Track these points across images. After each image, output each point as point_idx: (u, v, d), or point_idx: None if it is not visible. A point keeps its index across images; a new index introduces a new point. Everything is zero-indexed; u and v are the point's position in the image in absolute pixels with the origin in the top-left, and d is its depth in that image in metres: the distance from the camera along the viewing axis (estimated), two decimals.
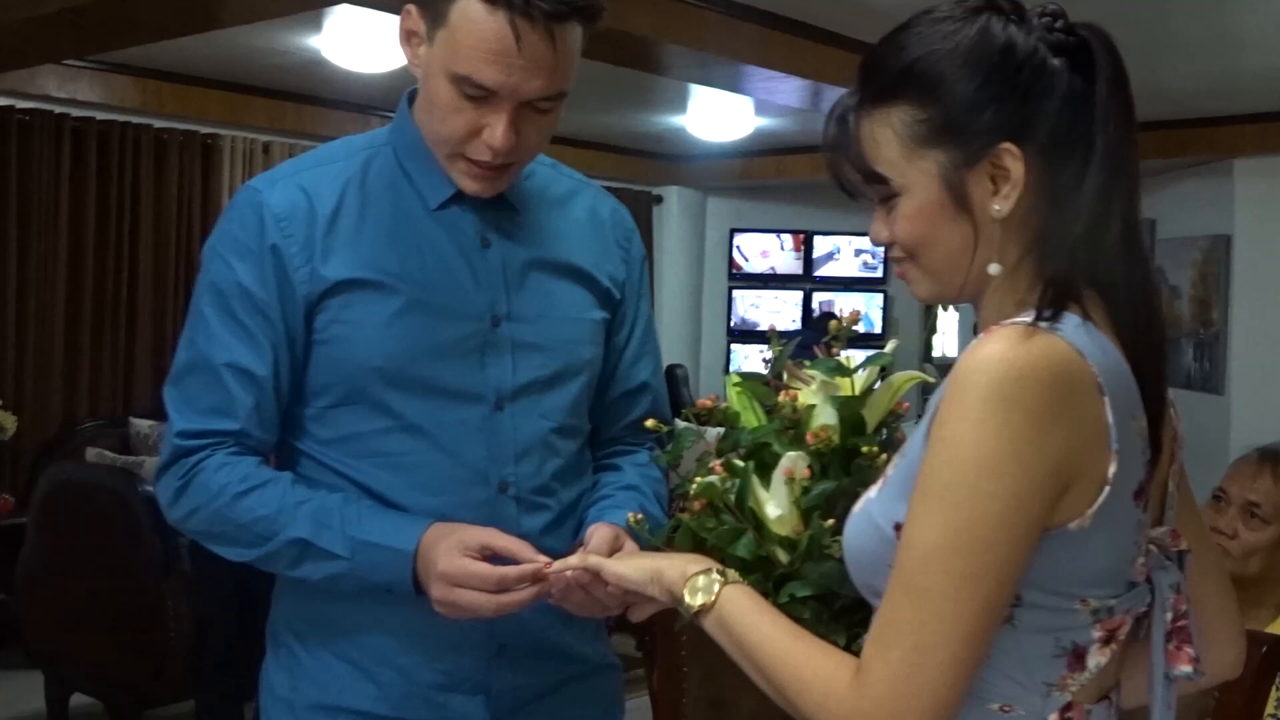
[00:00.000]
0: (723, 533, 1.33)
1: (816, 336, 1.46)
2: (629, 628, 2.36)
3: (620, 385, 1.68)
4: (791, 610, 1.25)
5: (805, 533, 1.29)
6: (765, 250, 9.06)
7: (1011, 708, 1.12)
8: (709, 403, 1.45)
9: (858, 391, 1.37)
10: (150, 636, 4.25)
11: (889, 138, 1.17)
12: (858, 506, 1.19)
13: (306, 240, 1.51)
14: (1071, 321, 1.11)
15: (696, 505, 1.36)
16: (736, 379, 1.44)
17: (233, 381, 1.50)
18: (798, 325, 8.91)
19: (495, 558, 1.42)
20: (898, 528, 1.11)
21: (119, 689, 4.44)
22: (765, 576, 1.30)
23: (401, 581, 1.46)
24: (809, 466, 1.31)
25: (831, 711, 1.09)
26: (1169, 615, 1.17)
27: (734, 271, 9.09)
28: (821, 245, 8.89)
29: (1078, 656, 1.12)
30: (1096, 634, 1.12)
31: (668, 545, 1.40)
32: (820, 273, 8.97)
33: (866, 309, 8.91)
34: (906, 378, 1.40)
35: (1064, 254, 1.15)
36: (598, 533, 1.48)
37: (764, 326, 8.94)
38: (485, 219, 1.56)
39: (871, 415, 1.37)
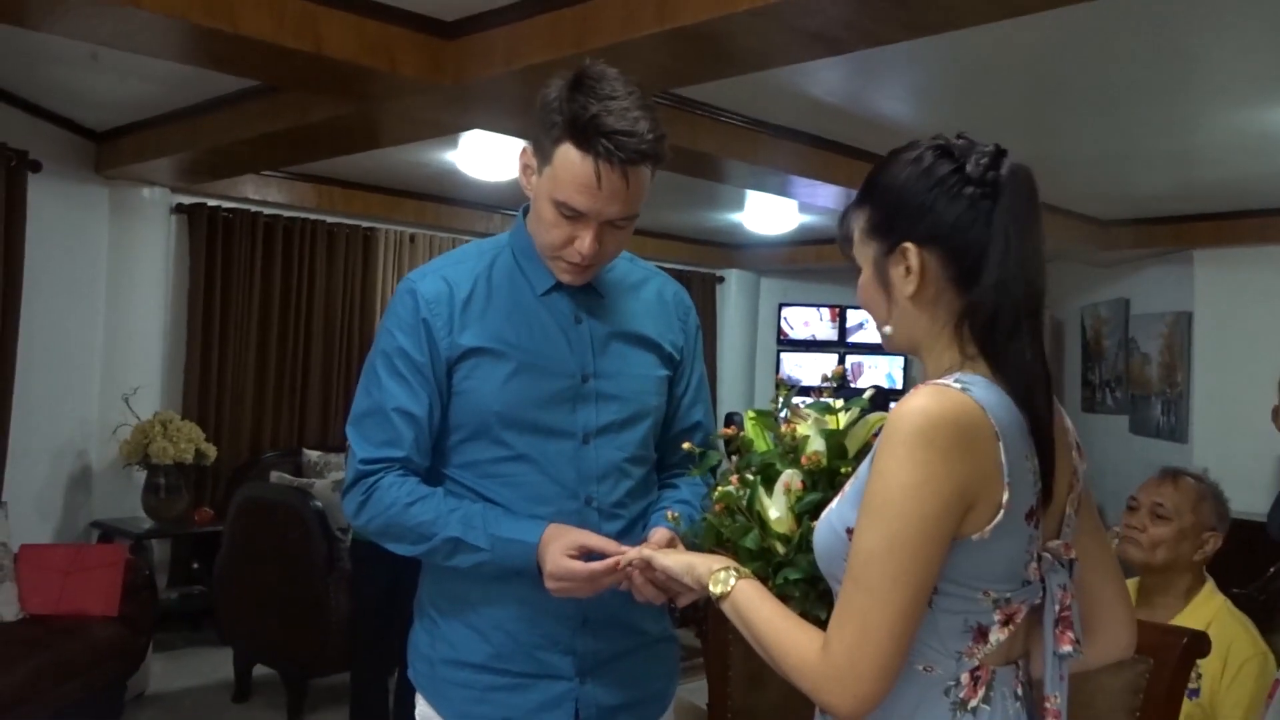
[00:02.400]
0: (736, 529, 1.42)
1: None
2: (690, 621, 2.46)
3: (679, 424, 1.77)
4: (785, 590, 1.34)
5: (798, 531, 1.37)
6: (807, 321, 9.08)
7: (932, 669, 1.22)
8: (730, 432, 1.54)
9: (841, 426, 1.43)
10: (316, 621, 4.38)
11: (855, 229, 1.32)
12: (823, 516, 1.29)
13: (449, 318, 1.63)
14: (980, 383, 1.20)
15: (717, 508, 1.45)
16: (753, 414, 1.52)
17: (399, 421, 1.62)
18: (834, 385, 8.90)
19: (590, 554, 1.53)
20: (849, 531, 1.20)
21: (290, 662, 4.57)
22: (766, 563, 1.39)
23: (528, 565, 1.56)
24: (802, 481, 1.39)
25: (805, 674, 1.20)
26: (1057, 607, 1.25)
27: (781, 338, 9.11)
28: (853, 317, 8.89)
29: (981, 633, 1.22)
30: (997, 617, 1.22)
31: (698, 541, 1.48)
32: (852, 339, 8.96)
33: (889, 369, 8.93)
34: (878, 418, 1.44)
35: (968, 328, 1.24)
36: (656, 533, 1.58)
37: (806, 383, 8.97)
38: (578, 302, 1.67)
39: (851, 444, 1.42)
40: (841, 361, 8.90)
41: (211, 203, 6.00)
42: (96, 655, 4.03)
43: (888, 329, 1.32)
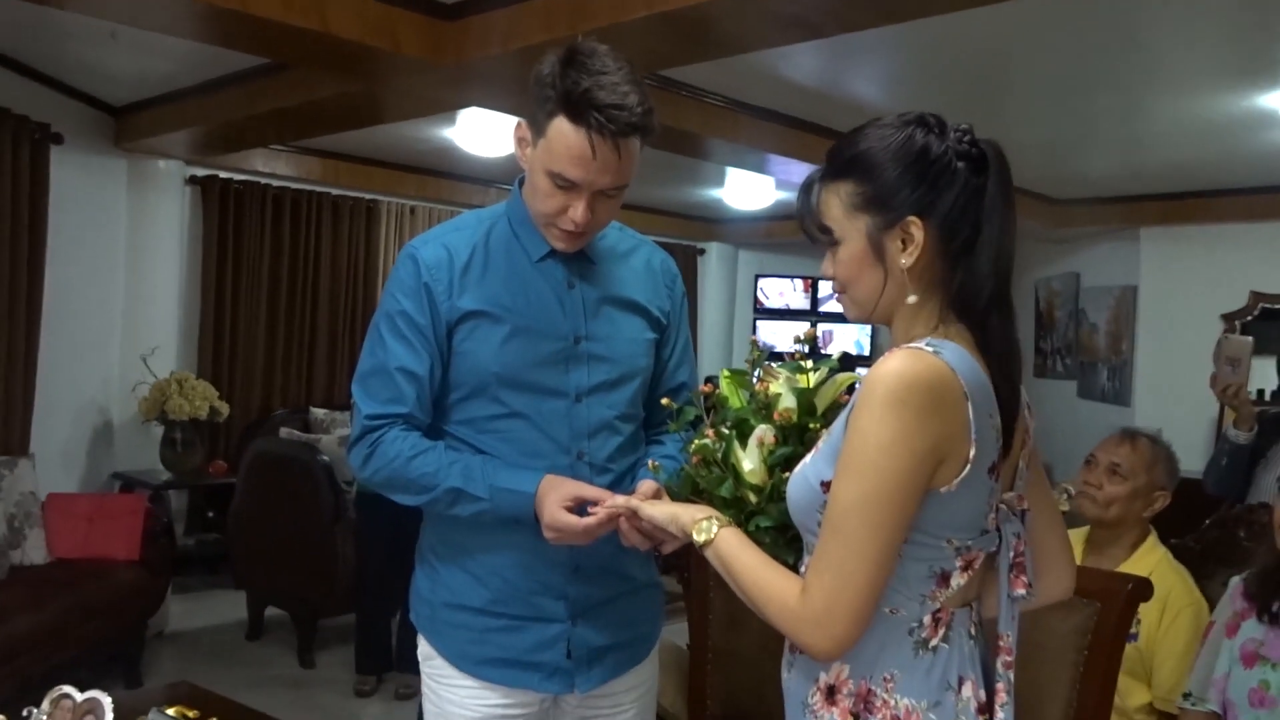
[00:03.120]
0: (711, 479, 1.40)
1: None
2: (673, 568, 2.44)
3: (665, 385, 1.75)
4: (757, 536, 1.34)
5: (769, 482, 1.36)
6: (781, 291, 9.05)
7: (898, 611, 1.22)
8: (707, 389, 1.54)
9: (812, 385, 1.42)
10: (323, 566, 4.39)
11: (835, 203, 1.25)
12: (797, 469, 1.28)
13: (449, 283, 1.60)
14: (950, 347, 1.19)
15: (695, 459, 1.44)
16: (727, 373, 1.51)
17: (401, 379, 1.60)
18: (805, 349, 8.90)
19: (584, 504, 1.52)
20: (824, 484, 1.20)
21: (300, 604, 4.57)
22: (739, 511, 1.38)
23: (526, 513, 1.55)
24: (775, 435, 1.38)
25: (786, 618, 1.20)
26: (1011, 554, 1.25)
27: (758, 307, 9.08)
28: (825, 288, 8.89)
29: (944, 578, 1.22)
30: (958, 564, 1.22)
31: (678, 489, 1.47)
32: (823, 309, 8.97)
33: (858, 336, 8.94)
34: (846, 378, 1.44)
35: (953, 299, 1.23)
36: (643, 484, 1.56)
37: (780, 349, 8.97)
38: (571, 268, 1.64)
39: (821, 402, 1.42)
40: (813, 327, 8.90)
41: (224, 175, 5.95)
42: (119, 596, 4.02)
43: (860, 298, 1.28)
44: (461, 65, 3.49)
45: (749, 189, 6.80)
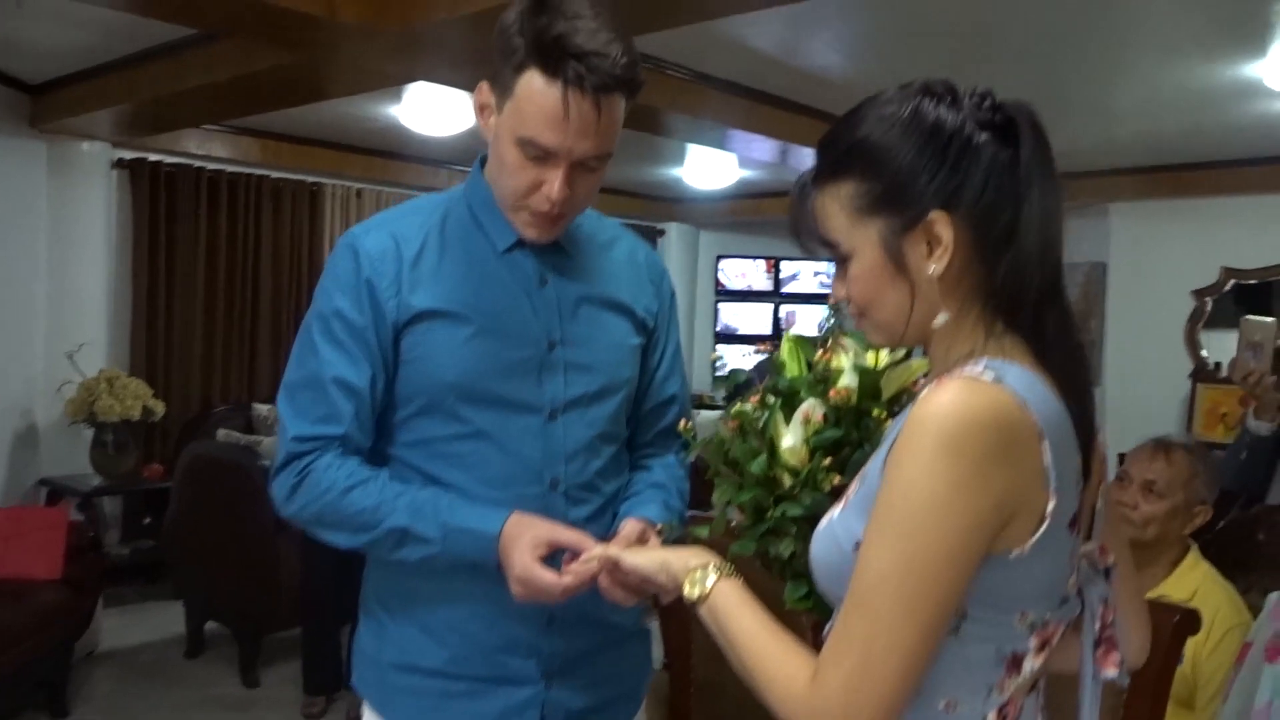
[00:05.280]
0: (745, 450, 1.22)
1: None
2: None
3: (653, 398, 1.51)
4: (782, 525, 1.18)
5: (808, 466, 1.18)
6: (744, 272, 8.84)
7: (955, 706, 0.97)
8: (767, 348, 1.36)
9: (880, 366, 1.25)
10: (267, 580, 4.10)
11: (836, 210, 1.00)
12: (823, 524, 1.04)
13: (395, 276, 1.34)
14: (1014, 371, 0.95)
15: (731, 424, 1.25)
16: (791, 337, 1.33)
17: (337, 393, 1.34)
18: (768, 331, 8.72)
19: (560, 549, 1.28)
20: (856, 546, 0.95)
21: (242, 617, 4.28)
22: (769, 492, 1.20)
23: (487, 560, 1.29)
24: (824, 414, 1.20)
25: (790, 708, 0.95)
26: (1097, 625, 1.03)
27: (719, 289, 8.86)
28: (787, 269, 8.68)
29: (1015, 662, 0.98)
30: (1032, 643, 0.98)
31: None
32: (786, 290, 8.74)
33: (821, 318, 8.73)
34: (922, 363, 1.24)
35: (997, 305, 0.99)
36: (626, 525, 1.32)
37: (743, 331, 8.76)
38: (543, 261, 1.39)
39: (887, 387, 1.24)
40: (777, 311, 8.71)
41: (153, 157, 5.59)
42: (40, 619, 3.68)
43: (883, 321, 1.03)
44: (406, 32, 3.19)
45: (710, 167, 6.62)
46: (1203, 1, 3.33)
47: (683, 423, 1.43)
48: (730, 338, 8.72)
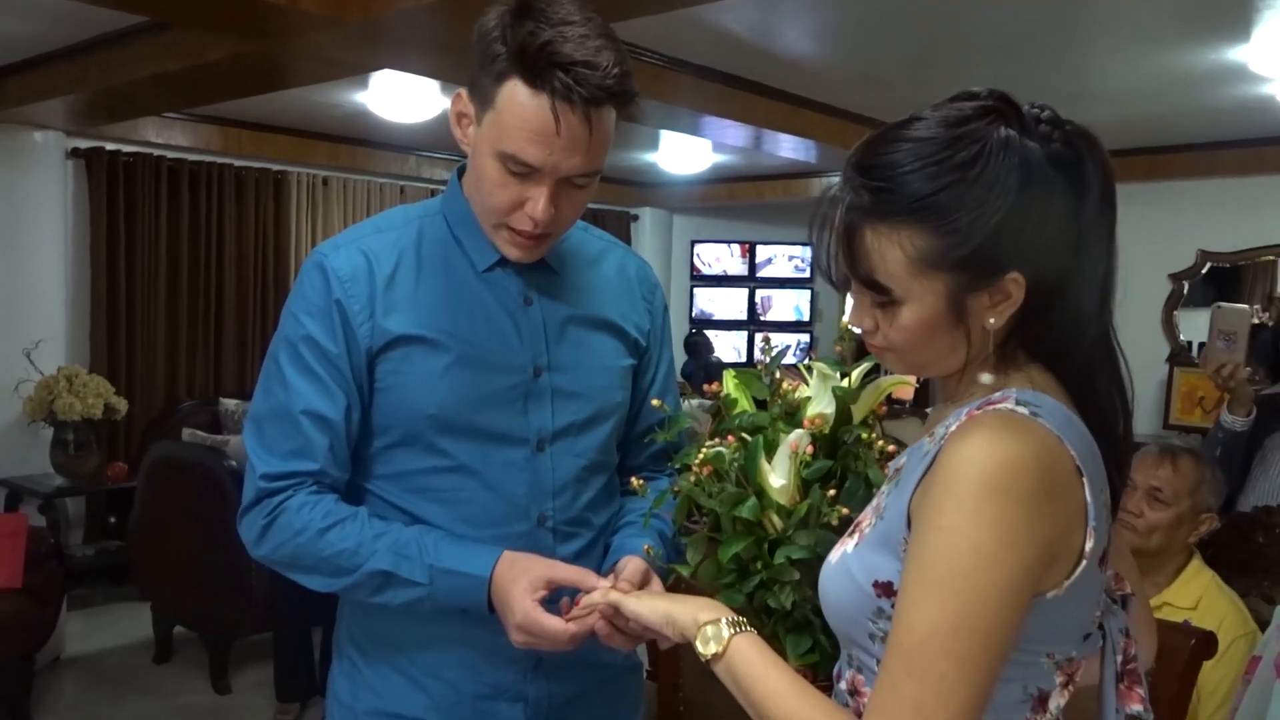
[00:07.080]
0: (726, 497, 1.12)
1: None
2: None
3: (645, 421, 1.42)
4: (784, 573, 1.09)
5: (803, 502, 1.10)
6: (718, 257, 8.76)
7: None
8: (716, 388, 1.26)
9: (854, 386, 1.18)
10: (236, 585, 3.96)
11: (897, 256, 0.90)
12: (834, 558, 0.97)
13: (368, 298, 1.24)
14: (1048, 404, 0.89)
15: (704, 471, 1.15)
16: (733, 374, 1.25)
17: (309, 426, 1.24)
18: (744, 315, 8.65)
19: (558, 589, 1.19)
20: (878, 585, 0.90)
21: (211, 622, 4.15)
22: (756, 542, 1.12)
23: (477, 604, 1.20)
24: (813, 443, 1.12)
25: None
26: (1119, 658, 0.97)
27: (694, 274, 8.77)
28: (762, 253, 8.62)
29: (1041, 700, 0.93)
30: (1058, 680, 0.93)
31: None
32: (761, 274, 8.68)
33: (797, 302, 8.68)
34: (893, 381, 1.18)
35: (1040, 348, 0.94)
36: (630, 564, 1.23)
37: (718, 316, 8.70)
38: (527, 280, 1.30)
39: (859, 410, 1.18)
40: (752, 295, 8.64)
41: (110, 146, 5.40)
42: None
43: (922, 362, 0.97)
44: (370, 22, 3.06)
45: (685, 152, 6.53)
46: None
47: (655, 400, 1.35)
48: (706, 323, 8.65)
